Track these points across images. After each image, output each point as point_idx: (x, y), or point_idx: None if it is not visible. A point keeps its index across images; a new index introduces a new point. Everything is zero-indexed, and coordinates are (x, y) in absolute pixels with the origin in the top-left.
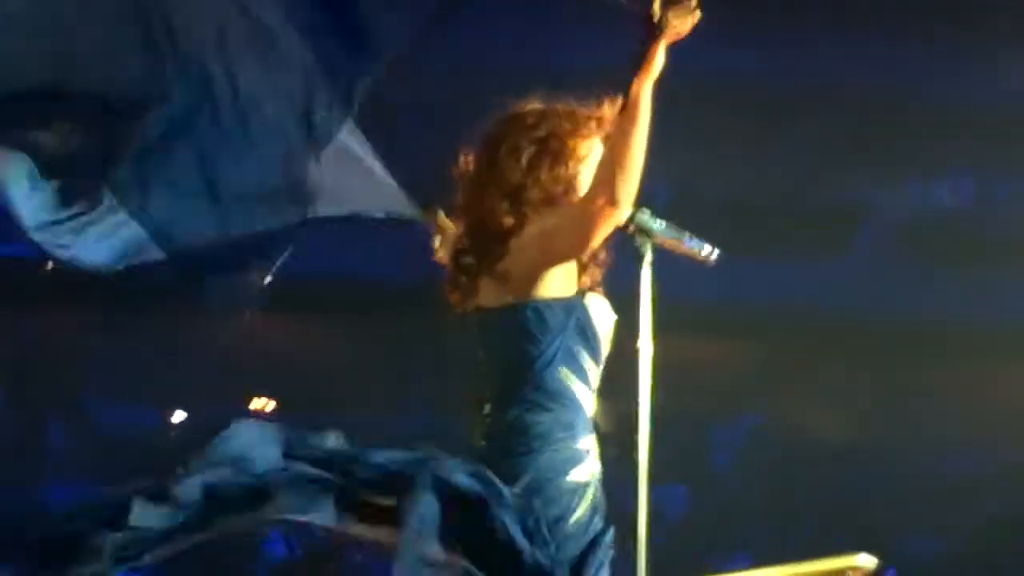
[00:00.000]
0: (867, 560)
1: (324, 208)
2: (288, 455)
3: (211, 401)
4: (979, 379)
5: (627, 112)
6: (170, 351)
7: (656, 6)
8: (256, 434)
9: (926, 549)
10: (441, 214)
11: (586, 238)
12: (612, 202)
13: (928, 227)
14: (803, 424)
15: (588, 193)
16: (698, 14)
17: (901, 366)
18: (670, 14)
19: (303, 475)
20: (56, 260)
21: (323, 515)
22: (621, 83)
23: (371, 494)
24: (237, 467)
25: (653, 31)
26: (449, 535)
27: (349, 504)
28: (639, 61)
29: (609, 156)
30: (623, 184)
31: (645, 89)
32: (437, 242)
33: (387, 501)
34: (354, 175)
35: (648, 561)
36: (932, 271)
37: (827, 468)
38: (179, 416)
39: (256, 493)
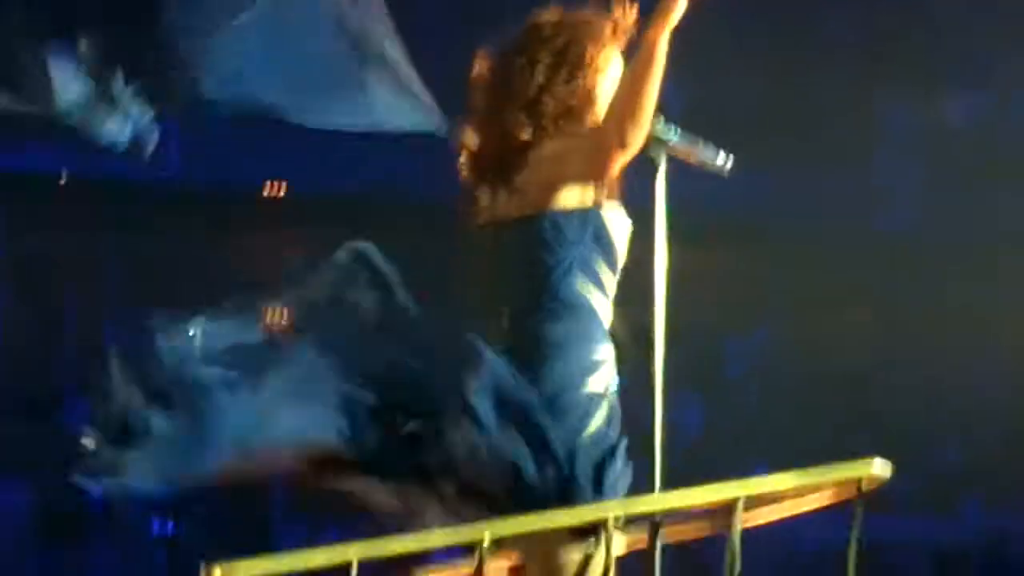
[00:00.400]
0: (883, 467)
1: (354, 118)
2: None
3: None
4: (1002, 293)
5: (642, 58)
6: (188, 268)
7: None
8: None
9: (947, 459)
10: (466, 130)
11: (598, 171)
12: (622, 144)
13: (946, 142)
14: (821, 336)
15: (599, 130)
16: None
17: (923, 279)
18: None
19: None
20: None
21: None
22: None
23: None
24: None
25: None
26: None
27: None
28: (658, 8)
29: (621, 99)
30: (633, 128)
31: (662, 37)
32: (462, 158)
33: None
34: (388, 85)
35: (665, 471)
36: (949, 186)
37: (845, 381)
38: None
39: None
